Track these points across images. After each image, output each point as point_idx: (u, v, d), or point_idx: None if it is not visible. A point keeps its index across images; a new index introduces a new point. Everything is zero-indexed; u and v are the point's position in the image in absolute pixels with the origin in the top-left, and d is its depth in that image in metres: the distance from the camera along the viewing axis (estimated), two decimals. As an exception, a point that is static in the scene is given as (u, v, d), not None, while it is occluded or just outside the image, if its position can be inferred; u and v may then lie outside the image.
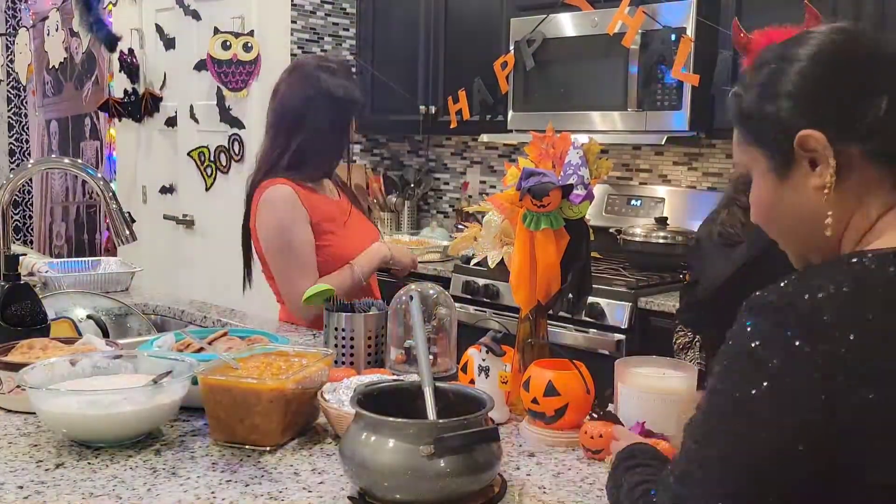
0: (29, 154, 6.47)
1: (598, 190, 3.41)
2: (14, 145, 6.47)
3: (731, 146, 1.04)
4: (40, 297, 1.80)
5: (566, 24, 3.21)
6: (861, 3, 2.60)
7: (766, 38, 2.48)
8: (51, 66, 5.88)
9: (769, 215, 0.99)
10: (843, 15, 2.63)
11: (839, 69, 0.92)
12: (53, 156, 5.88)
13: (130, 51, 4.68)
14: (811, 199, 0.92)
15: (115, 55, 4.76)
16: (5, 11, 6.31)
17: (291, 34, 4.02)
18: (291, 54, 4.01)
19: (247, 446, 1.30)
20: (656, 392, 1.32)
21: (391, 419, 1.09)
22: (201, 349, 1.56)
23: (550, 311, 1.58)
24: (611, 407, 1.38)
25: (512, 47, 3.37)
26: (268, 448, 1.29)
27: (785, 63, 0.94)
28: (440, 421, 1.11)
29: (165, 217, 4.55)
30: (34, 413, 1.37)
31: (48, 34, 5.83)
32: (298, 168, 2.15)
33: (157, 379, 1.34)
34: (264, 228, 2.14)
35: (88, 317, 2.08)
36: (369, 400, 1.16)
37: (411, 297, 1.42)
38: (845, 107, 0.90)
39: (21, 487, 1.14)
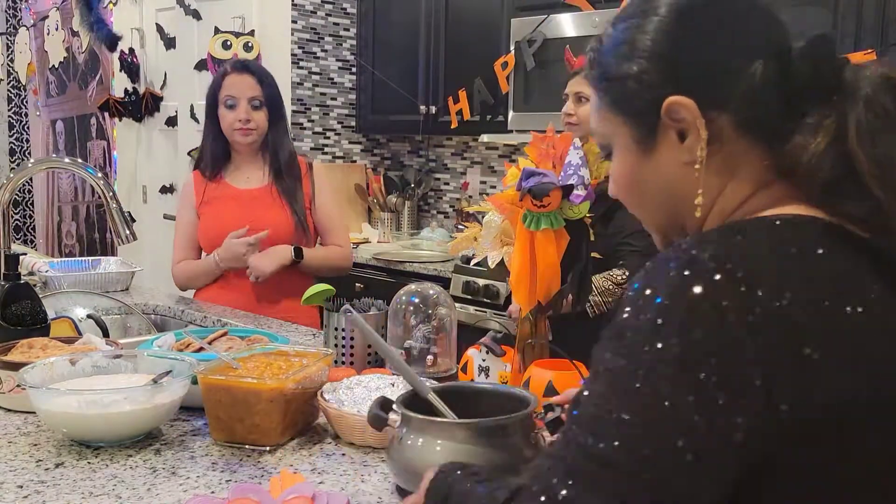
0: (29, 153, 6.47)
1: (599, 190, 3.41)
2: (14, 145, 6.47)
3: None
4: (40, 296, 1.80)
5: (566, 24, 3.21)
6: (861, 4, 2.60)
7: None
8: (51, 66, 5.88)
9: (631, 191, 0.87)
10: (844, 14, 2.63)
11: (707, 24, 0.79)
12: (54, 155, 5.88)
13: (131, 50, 4.68)
14: (679, 174, 0.81)
15: (116, 55, 4.76)
16: (5, 11, 6.31)
17: (292, 34, 4.02)
18: (292, 54, 4.01)
19: (247, 446, 1.30)
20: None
21: (445, 420, 1.10)
22: (201, 349, 1.56)
23: (550, 312, 1.57)
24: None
25: (512, 47, 3.38)
26: (267, 448, 1.29)
27: (645, 15, 0.81)
28: (495, 418, 1.10)
29: (165, 217, 4.55)
30: (34, 412, 1.37)
31: (48, 33, 5.84)
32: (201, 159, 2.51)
33: (157, 379, 1.34)
34: None
35: (88, 316, 2.07)
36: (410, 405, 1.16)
37: (348, 312, 1.45)
38: (715, 70, 0.78)
39: (21, 487, 1.14)
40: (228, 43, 3.96)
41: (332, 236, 2.48)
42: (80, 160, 2.10)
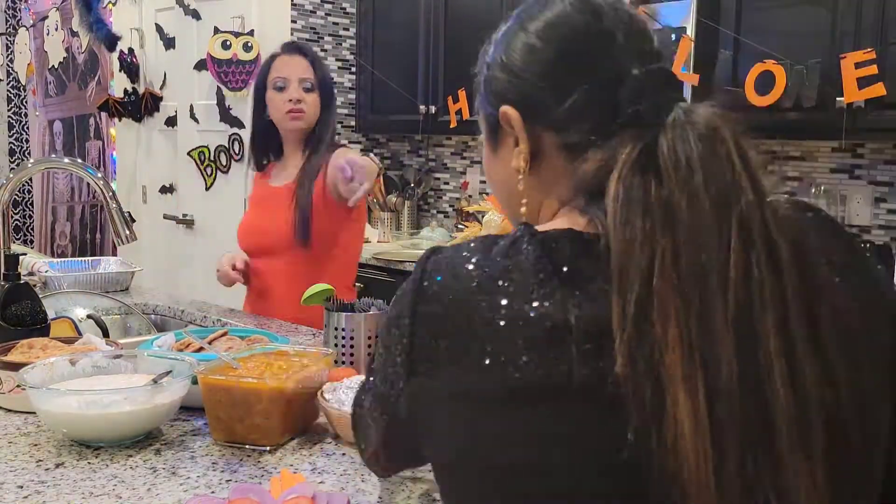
0: (29, 154, 6.47)
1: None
2: (14, 145, 6.48)
3: None
4: (40, 296, 1.80)
5: (566, 24, 3.20)
6: (861, 4, 2.60)
7: None
8: (51, 66, 5.88)
9: (488, 180, 0.95)
10: (844, 14, 2.63)
11: (560, 50, 0.82)
12: (53, 155, 5.89)
13: (130, 50, 4.68)
14: (512, 180, 0.86)
15: (115, 55, 4.76)
16: (5, 11, 6.31)
17: (291, 34, 4.02)
18: (291, 54, 4.01)
19: (247, 446, 1.30)
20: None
21: None
22: (201, 349, 1.56)
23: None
24: None
25: (512, 47, 3.37)
26: (268, 448, 1.29)
27: (520, 29, 0.85)
28: None
29: (165, 217, 4.55)
30: (34, 413, 1.37)
31: (48, 34, 5.84)
32: None
33: (157, 379, 1.34)
34: None
35: (88, 316, 2.08)
36: None
37: None
38: (548, 90, 0.81)
39: (21, 487, 1.14)
40: (228, 43, 3.96)
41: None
42: (79, 160, 2.10)
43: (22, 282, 1.75)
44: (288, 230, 2.23)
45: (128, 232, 1.86)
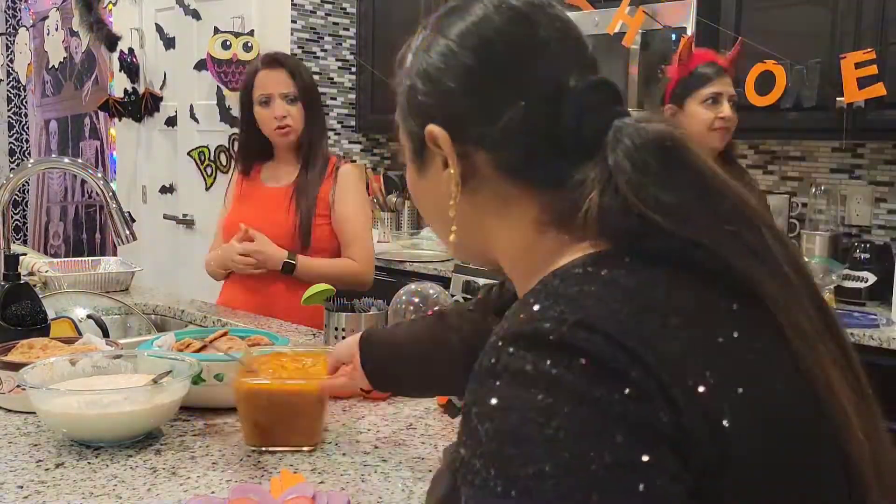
0: (29, 154, 6.47)
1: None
2: (14, 145, 6.48)
3: None
4: (40, 296, 1.80)
5: (566, 24, 3.20)
6: (861, 4, 2.60)
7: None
8: (51, 66, 5.88)
9: (416, 202, 0.86)
10: (844, 14, 2.63)
11: (484, 58, 0.74)
12: (53, 156, 5.89)
13: (130, 50, 4.68)
14: (443, 202, 0.77)
15: (115, 55, 4.76)
16: (5, 11, 6.31)
17: (291, 34, 4.02)
18: (291, 54, 4.01)
19: (285, 449, 1.29)
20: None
21: None
22: (201, 349, 1.56)
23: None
24: None
25: (512, 47, 3.37)
26: (306, 448, 1.29)
27: (438, 34, 0.76)
28: None
29: (165, 217, 4.55)
30: (34, 413, 1.36)
31: (48, 34, 5.84)
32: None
33: (157, 379, 1.34)
34: None
35: (88, 316, 2.07)
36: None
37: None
38: (477, 105, 0.73)
39: (21, 487, 1.14)
40: (228, 43, 3.96)
41: (349, 249, 2.32)
42: (79, 160, 2.10)
43: (22, 282, 1.75)
44: (285, 231, 2.28)
45: (128, 232, 1.86)
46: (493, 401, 0.59)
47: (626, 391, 0.57)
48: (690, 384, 0.59)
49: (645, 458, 0.56)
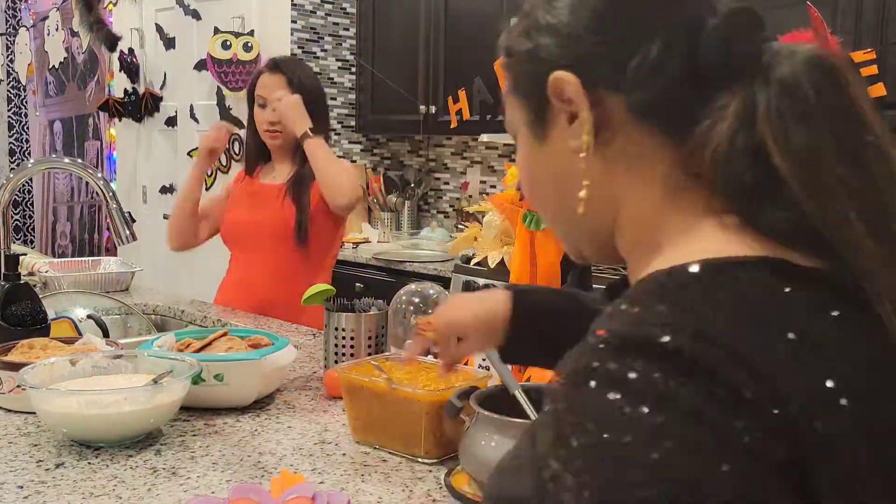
0: (29, 154, 6.47)
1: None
2: (14, 145, 6.48)
3: None
4: (40, 296, 1.80)
5: (566, 24, 3.20)
6: (861, 4, 2.60)
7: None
8: (51, 66, 5.88)
9: (529, 185, 0.77)
10: (844, 13, 2.63)
11: None
12: (54, 155, 5.89)
13: (130, 50, 4.68)
14: (570, 166, 0.69)
15: (115, 55, 4.76)
16: (5, 11, 6.31)
17: (291, 34, 4.02)
18: (291, 54, 4.01)
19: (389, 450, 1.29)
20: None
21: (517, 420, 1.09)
22: (202, 349, 1.56)
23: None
24: None
25: (512, 47, 3.37)
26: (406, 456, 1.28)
27: None
28: None
29: (165, 217, 4.54)
30: (34, 413, 1.37)
31: (48, 34, 5.84)
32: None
33: (157, 379, 1.34)
34: None
35: (88, 317, 2.08)
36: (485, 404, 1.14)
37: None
38: (608, 45, 0.67)
39: (21, 487, 1.14)
40: (228, 43, 3.96)
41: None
42: (79, 160, 2.10)
43: (22, 282, 1.75)
44: (278, 225, 2.34)
45: (128, 232, 1.86)
46: (591, 410, 0.53)
47: (747, 414, 0.51)
48: (817, 414, 0.53)
49: (759, 489, 0.50)
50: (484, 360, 1.52)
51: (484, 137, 3.61)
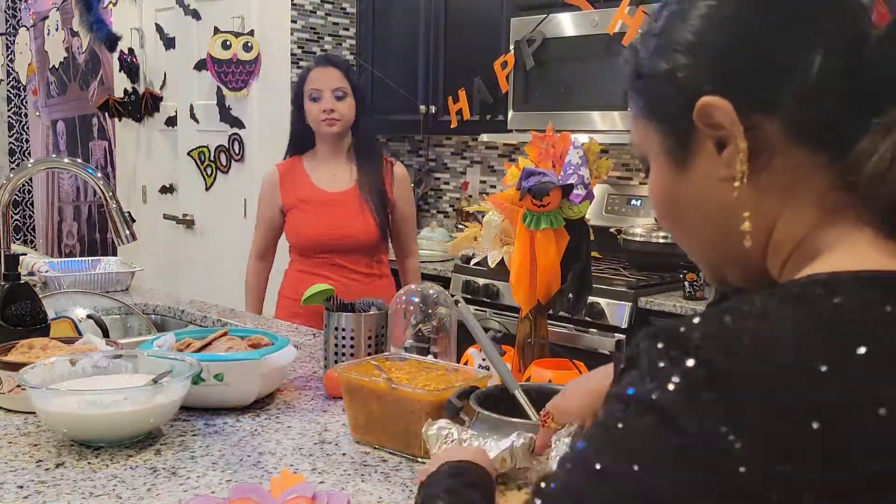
0: (29, 154, 6.47)
1: (598, 190, 3.41)
2: (14, 145, 6.47)
3: None
4: (40, 296, 1.80)
5: (566, 24, 3.20)
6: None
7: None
8: (52, 66, 5.88)
9: (667, 213, 0.72)
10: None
11: (760, 9, 0.64)
12: (54, 156, 5.89)
13: (130, 50, 4.68)
14: (719, 194, 0.66)
15: (116, 55, 4.76)
16: (5, 11, 6.31)
17: (291, 34, 4.02)
18: (291, 54, 4.01)
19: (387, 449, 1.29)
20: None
21: (516, 420, 1.09)
22: (202, 349, 1.56)
23: (550, 311, 1.58)
24: None
25: (512, 47, 3.37)
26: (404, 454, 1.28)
27: (688, 3, 0.67)
28: None
29: (165, 217, 4.55)
30: (34, 413, 1.37)
31: (48, 34, 5.84)
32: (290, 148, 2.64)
33: (157, 379, 1.34)
34: None
35: (88, 316, 2.08)
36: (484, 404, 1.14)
37: (457, 302, 1.36)
38: (761, 64, 0.62)
39: (21, 487, 1.14)
40: (228, 43, 3.96)
41: (408, 246, 2.66)
42: (79, 160, 2.10)
43: (22, 282, 1.75)
44: (369, 233, 2.49)
45: (128, 232, 1.86)
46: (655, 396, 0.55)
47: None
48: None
49: None
50: (484, 360, 1.52)
51: (484, 137, 3.61)
